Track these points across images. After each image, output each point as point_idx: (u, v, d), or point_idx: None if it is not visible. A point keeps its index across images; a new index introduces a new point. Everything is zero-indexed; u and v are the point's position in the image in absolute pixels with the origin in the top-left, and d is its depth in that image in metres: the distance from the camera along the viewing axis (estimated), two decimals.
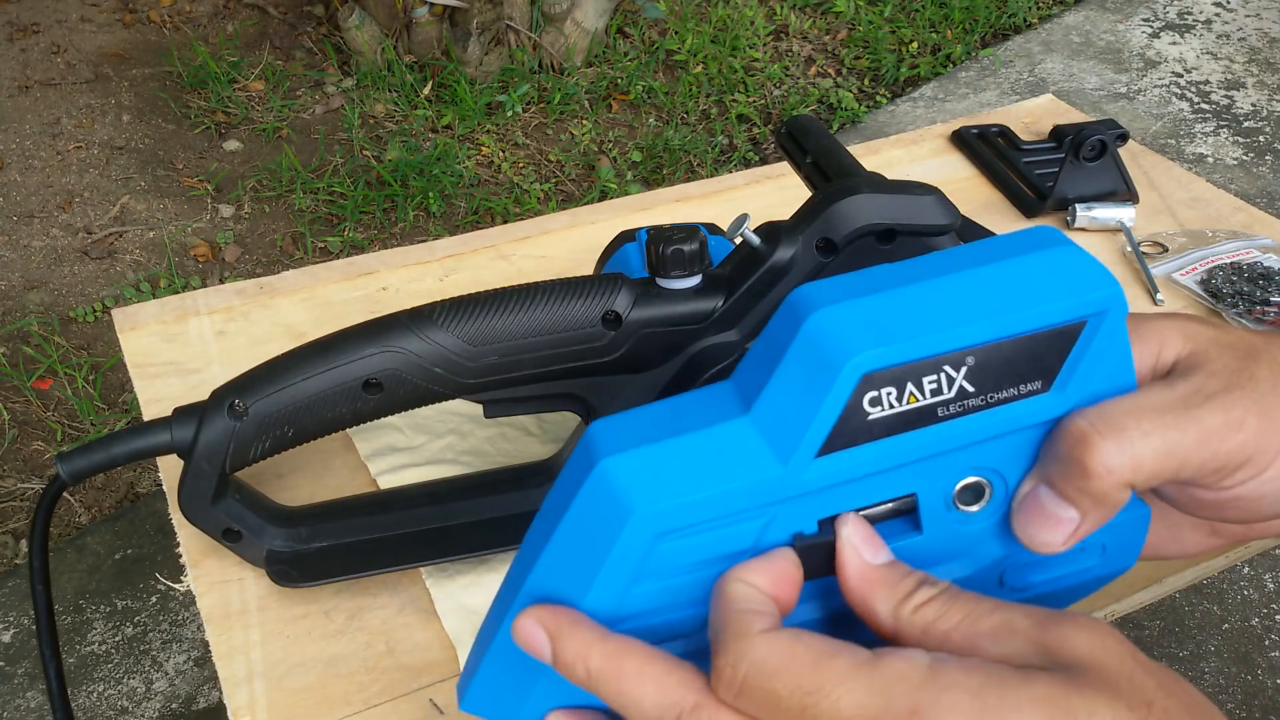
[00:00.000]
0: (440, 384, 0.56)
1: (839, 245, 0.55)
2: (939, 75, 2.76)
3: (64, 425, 1.83)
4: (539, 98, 2.60)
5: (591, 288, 0.56)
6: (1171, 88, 2.74)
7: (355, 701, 0.55)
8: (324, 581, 0.59)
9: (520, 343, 0.55)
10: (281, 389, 0.55)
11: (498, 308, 0.55)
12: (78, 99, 2.59)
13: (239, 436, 0.56)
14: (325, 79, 2.65)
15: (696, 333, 0.57)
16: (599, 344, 0.56)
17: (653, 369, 0.58)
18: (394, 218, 2.26)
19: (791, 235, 0.56)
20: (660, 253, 0.55)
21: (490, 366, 0.56)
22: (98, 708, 1.47)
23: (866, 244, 0.55)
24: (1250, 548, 0.64)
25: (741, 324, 0.56)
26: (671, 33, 2.78)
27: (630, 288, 0.56)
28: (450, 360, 0.55)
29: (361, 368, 0.55)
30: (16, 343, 1.97)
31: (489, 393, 0.57)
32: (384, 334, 0.55)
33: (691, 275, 0.56)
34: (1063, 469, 0.37)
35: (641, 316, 0.56)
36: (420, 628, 0.59)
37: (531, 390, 0.58)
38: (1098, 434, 0.36)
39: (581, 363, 0.57)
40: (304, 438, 0.57)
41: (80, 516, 1.72)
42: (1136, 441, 0.36)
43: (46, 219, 2.26)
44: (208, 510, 0.57)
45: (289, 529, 0.60)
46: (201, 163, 2.42)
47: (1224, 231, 0.90)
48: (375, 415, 0.57)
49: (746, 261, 0.56)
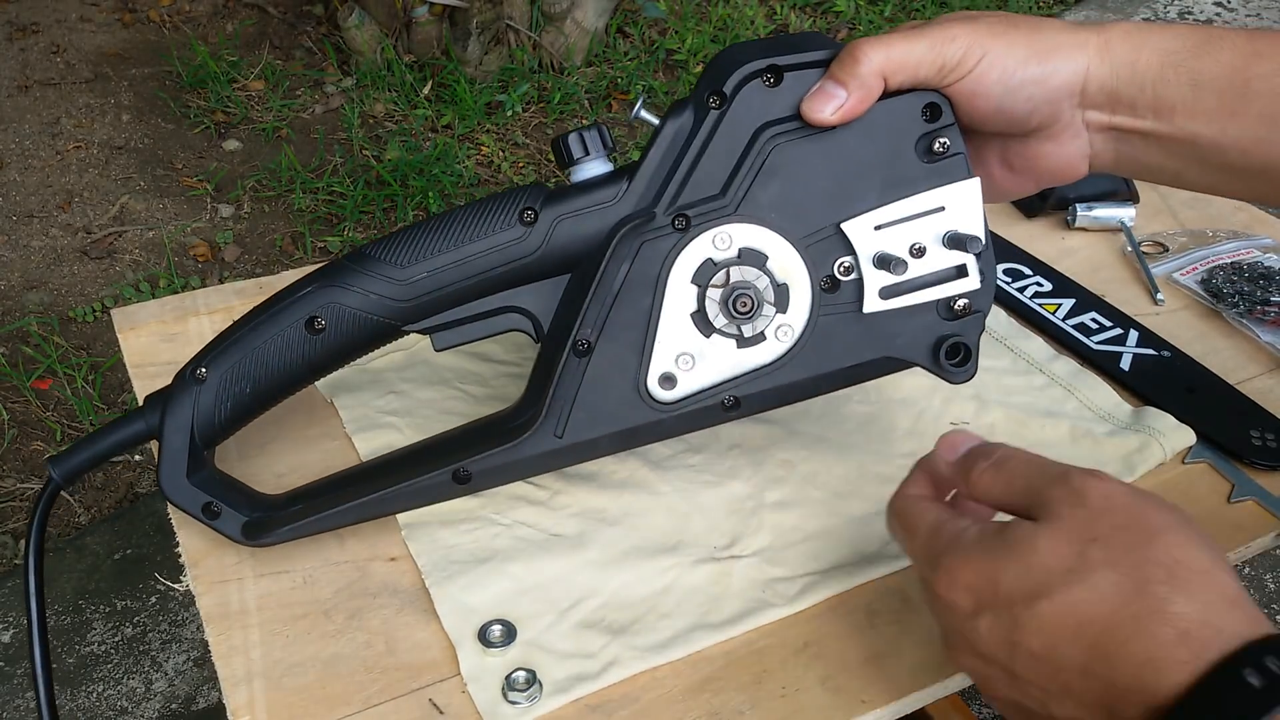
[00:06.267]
0: (380, 311, 0.58)
1: (728, 94, 0.57)
2: None
3: (63, 425, 1.83)
4: (539, 97, 2.60)
5: (507, 195, 0.59)
6: None
7: (354, 701, 0.55)
8: (294, 527, 0.59)
9: (447, 256, 0.58)
10: (231, 344, 0.59)
11: (425, 229, 0.59)
12: (77, 99, 2.59)
13: (200, 403, 0.59)
14: (325, 79, 2.65)
15: (611, 211, 0.58)
16: (519, 244, 0.58)
17: (580, 264, 0.59)
18: (394, 218, 2.26)
19: (683, 103, 0.58)
20: (563, 143, 0.58)
21: (423, 284, 0.58)
22: (97, 708, 1.47)
23: (756, 88, 0.57)
24: (1250, 547, 0.64)
25: (655, 197, 0.58)
26: (671, 32, 2.78)
27: (542, 188, 0.59)
28: (385, 285, 0.58)
29: (303, 307, 0.58)
30: (16, 343, 1.97)
31: (431, 319, 0.59)
32: (322, 274, 0.59)
33: (598, 161, 0.59)
34: (839, 63, 0.56)
35: (555, 209, 0.58)
36: (419, 627, 0.58)
37: (472, 309, 0.60)
38: (865, 41, 0.55)
39: (507, 267, 0.59)
40: (263, 395, 0.60)
41: (80, 516, 1.72)
42: (890, 45, 0.55)
43: (46, 219, 2.26)
44: (184, 485, 0.59)
45: (266, 502, 0.61)
46: (201, 162, 2.42)
47: (1224, 231, 0.90)
48: (327, 359, 0.59)
49: (650, 141, 0.58)
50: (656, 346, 0.58)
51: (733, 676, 0.57)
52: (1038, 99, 0.56)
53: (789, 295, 0.58)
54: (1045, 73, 0.56)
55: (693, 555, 0.62)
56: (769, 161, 0.57)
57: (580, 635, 0.58)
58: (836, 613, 0.60)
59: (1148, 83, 0.56)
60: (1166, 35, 0.56)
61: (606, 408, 0.59)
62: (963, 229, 0.58)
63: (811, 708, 0.55)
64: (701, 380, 0.59)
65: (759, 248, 0.58)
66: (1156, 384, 0.74)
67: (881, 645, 0.58)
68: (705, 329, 0.58)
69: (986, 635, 0.45)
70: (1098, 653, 0.42)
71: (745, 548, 0.63)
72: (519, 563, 0.61)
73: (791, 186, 0.57)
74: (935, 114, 0.57)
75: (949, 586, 0.47)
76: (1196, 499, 0.66)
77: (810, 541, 0.63)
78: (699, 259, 0.58)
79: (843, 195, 0.58)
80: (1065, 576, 0.43)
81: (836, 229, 0.58)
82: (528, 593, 0.60)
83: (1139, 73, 0.56)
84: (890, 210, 0.58)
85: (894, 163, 0.58)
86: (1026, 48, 0.56)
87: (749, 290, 0.57)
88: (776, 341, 0.59)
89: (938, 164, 0.58)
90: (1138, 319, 0.79)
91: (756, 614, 0.59)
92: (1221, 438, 0.70)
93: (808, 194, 0.58)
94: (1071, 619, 0.43)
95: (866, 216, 0.58)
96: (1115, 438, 0.70)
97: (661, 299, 0.58)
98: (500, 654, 0.57)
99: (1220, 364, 0.75)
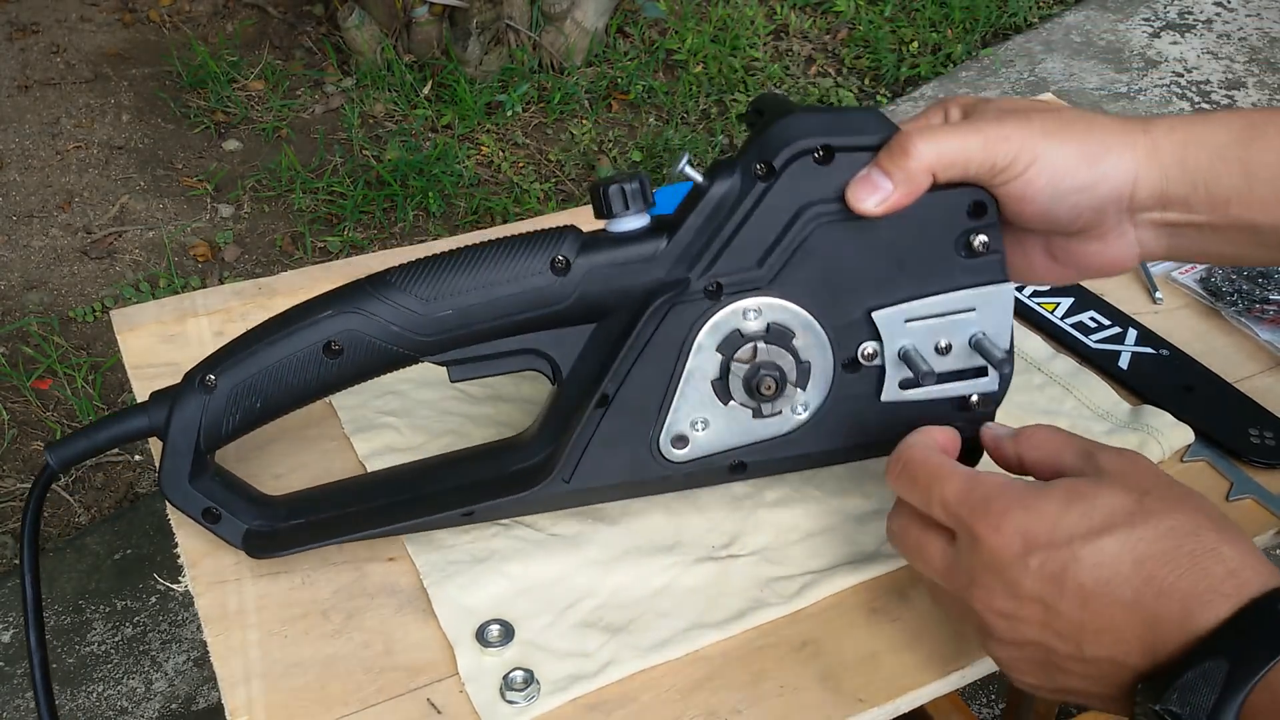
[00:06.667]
0: (399, 343, 0.57)
1: (777, 168, 0.55)
2: (939, 75, 2.76)
3: (63, 425, 1.83)
4: (539, 97, 2.60)
5: (540, 238, 0.57)
6: (1172, 87, 2.74)
7: (353, 701, 0.55)
8: (297, 550, 0.59)
9: (473, 294, 0.56)
10: (246, 357, 0.57)
11: (451, 264, 0.57)
12: (77, 99, 2.59)
13: (209, 410, 0.57)
14: (325, 79, 2.65)
15: (645, 270, 0.57)
16: (549, 291, 0.57)
17: (607, 316, 0.58)
18: (394, 217, 2.26)
19: (730, 166, 0.56)
20: (602, 194, 0.56)
21: (446, 321, 0.56)
22: (97, 708, 1.47)
23: (805, 165, 0.55)
24: None
25: (691, 261, 0.56)
26: (671, 32, 2.78)
27: (578, 234, 0.57)
28: (406, 316, 0.56)
29: (321, 330, 0.56)
30: (16, 343, 1.97)
31: (450, 352, 0.58)
32: (342, 297, 0.57)
33: (637, 215, 0.57)
34: (889, 153, 0.54)
35: (589, 261, 0.57)
36: (418, 627, 0.59)
37: (492, 348, 0.58)
38: (917, 133, 0.54)
39: (535, 313, 0.57)
40: (273, 409, 0.59)
41: (80, 517, 1.72)
42: (942, 141, 0.54)
43: (46, 219, 2.26)
44: (186, 489, 0.58)
45: (268, 510, 0.61)
46: (201, 162, 2.42)
47: None
48: (340, 382, 0.58)
49: (691, 200, 0.57)
50: (674, 408, 0.58)
51: (731, 675, 0.57)
52: (1084, 206, 0.55)
53: (810, 372, 0.58)
54: (1094, 179, 0.55)
55: (691, 554, 0.62)
56: (809, 241, 0.56)
57: (578, 635, 0.58)
58: (835, 611, 0.60)
59: (1199, 180, 0.55)
60: (1211, 127, 0.55)
61: (616, 460, 0.59)
62: (991, 335, 0.58)
63: (810, 706, 0.55)
64: (713, 444, 0.59)
65: (788, 324, 0.57)
66: (1155, 382, 0.74)
67: (880, 644, 0.58)
68: (724, 397, 0.58)
69: (1035, 573, 0.48)
70: (1151, 586, 0.46)
71: (743, 547, 0.63)
72: (517, 563, 0.61)
73: (828, 268, 0.56)
74: (979, 212, 0.56)
75: (995, 529, 0.49)
76: None
77: (809, 540, 0.63)
78: (727, 329, 0.57)
79: (878, 283, 0.57)
80: (1128, 517, 0.47)
81: (867, 315, 0.57)
82: (525, 592, 0.60)
83: (1189, 171, 0.55)
84: (923, 305, 0.57)
85: (932, 256, 0.57)
86: (1078, 151, 0.54)
87: (774, 373, 0.57)
88: (791, 415, 0.59)
89: (975, 261, 0.57)
90: (1136, 317, 0.79)
91: (755, 613, 0.59)
92: (1220, 436, 0.69)
93: (843, 277, 0.57)
94: (1131, 554, 0.46)
95: (899, 308, 0.57)
96: (1114, 436, 0.70)
97: (685, 363, 0.57)
98: (498, 654, 0.57)
99: (1219, 362, 0.75)
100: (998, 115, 0.55)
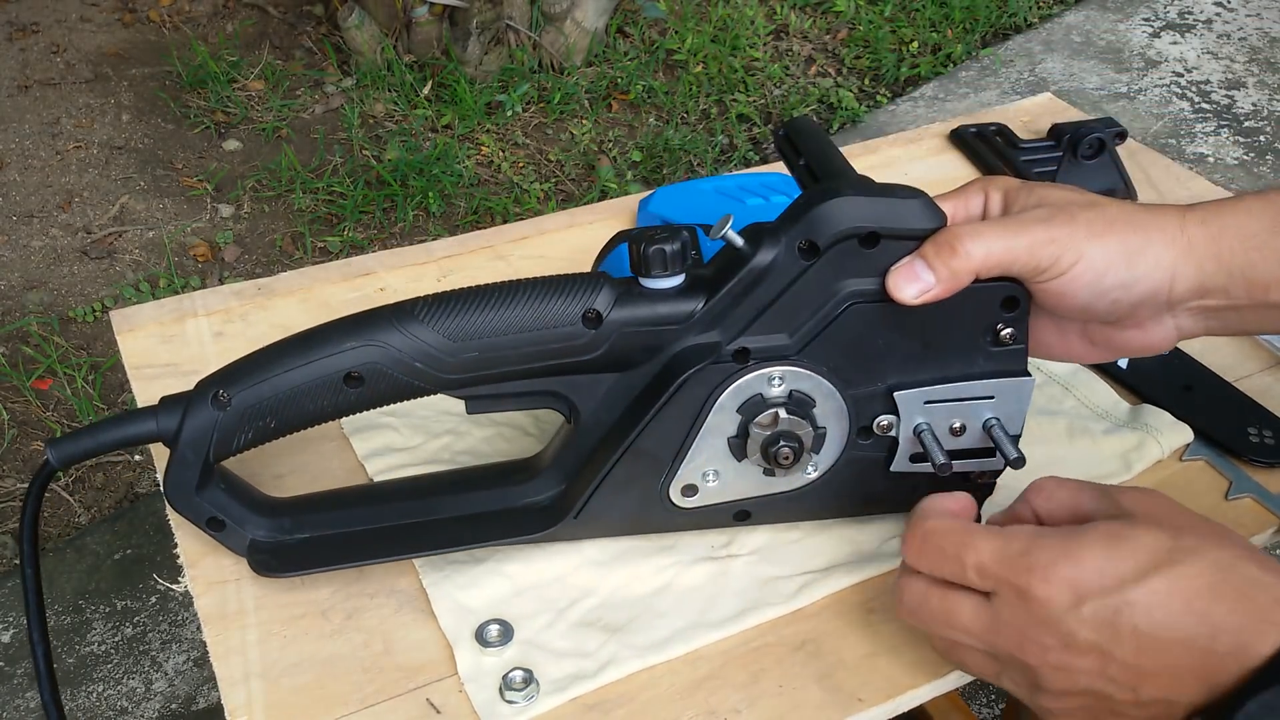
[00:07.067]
0: (421, 379, 0.56)
1: (821, 248, 0.55)
2: (939, 75, 2.76)
3: (63, 425, 1.83)
4: (539, 97, 2.60)
5: (573, 286, 0.56)
6: (1172, 87, 2.74)
7: (352, 701, 0.55)
8: (305, 572, 0.59)
9: (501, 339, 0.56)
10: (264, 380, 0.56)
11: (479, 304, 0.56)
12: (77, 99, 2.59)
13: (222, 427, 0.57)
14: (325, 79, 2.65)
15: (678, 333, 0.56)
16: (579, 342, 0.56)
17: (634, 368, 0.58)
18: (394, 217, 2.26)
19: (774, 237, 0.55)
20: (642, 252, 0.55)
21: (471, 363, 0.56)
22: (97, 708, 1.47)
23: (849, 247, 0.55)
24: None
25: (723, 325, 0.56)
26: (671, 32, 2.78)
27: (612, 287, 0.56)
28: (431, 355, 0.56)
29: (343, 361, 0.56)
30: (16, 343, 1.97)
31: (470, 389, 0.58)
32: (366, 328, 0.56)
33: (673, 275, 0.56)
34: (936, 247, 0.54)
35: (622, 316, 0.56)
36: (417, 627, 0.59)
37: (513, 387, 0.58)
38: (966, 233, 0.54)
39: (561, 361, 0.57)
40: (286, 429, 0.58)
41: (80, 517, 1.72)
42: (989, 240, 0.54)
43: (46, 219, 2.26)
44: (192, 498, 0.58)
45: (272, 519, 0.60)
46: (201, 162, 2.42)
47: None
48: (356, 408, 0.58)
49: (730, 262, 0.56)
50: (688, 460, 0.58)
51: (730, 675, 0.57)
52: (1123, 302, 0.56)
53: (825, 438, 0.59)
54: (1133, 278, 0.55)
55: (690, 554, 0.62)
56: (841, 317, 0.56)
57: (577, 634, 0.58)
58: (834, 611, 0.60)
59: (1235, 270, 0.55)
60: (1240, 216, 0.56)
61: (625, 502, 0.60)
62: (1005, 423, 0.59)
63: (808, 706, 0.55)
64: (721, 495, 0.60)
65: (810, 393, 0.57)
66: (1154, 381, 0.74)
67: (879, 643, 0.58)
68: (739, 455, 0.58)
69: (1090, 621, 0.47)
70: (1204, 624, 0.46)
71: (742, 546, 0.63)
72: (516, 563, 0.61)
73: (856, 344, 0.57)
74: (1012, 305, 0.57)
75: (1044, 581, 0.48)
76: (1194, 496, 0.66)
77: (807, 540, 0.63)
78: (750, 391, 0.57)
79: (903, 361, 0.58)
80: (1171, 555, 0.48)
81: (888, 390, 0.58)
82: (525, 592, 0.60)
83: (1224, 263, 0.55)
84: (944, 389, 0.58)
85: (960, 343, 0.57)
86: (1120, 250, 0.55)
87: (793, 444, 0.57)
88: (802, 474, 0.60)
89: (1000, 351, 0.58)
90: None
91: (753, 612, 0.59)
92: (1219, 435, 0.70)
93: (870, 353, 0.57)
94: (1181, 593, 0.47)
95: (921, 390, 0.58)
96: (1113, 435, 0.70)
97: (705, 419, 0.57)
98: (497, 653, 0.57)
99: (1218, 361, 0.75)
100: (1046, 215, 0.55)
